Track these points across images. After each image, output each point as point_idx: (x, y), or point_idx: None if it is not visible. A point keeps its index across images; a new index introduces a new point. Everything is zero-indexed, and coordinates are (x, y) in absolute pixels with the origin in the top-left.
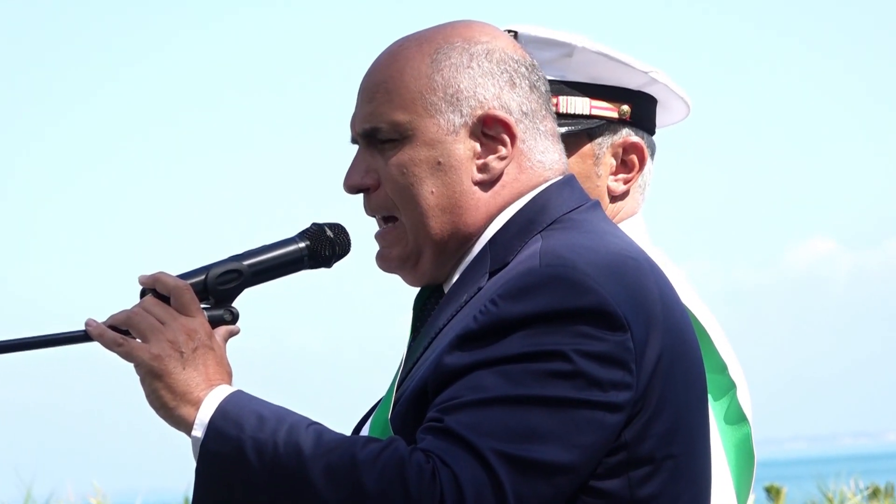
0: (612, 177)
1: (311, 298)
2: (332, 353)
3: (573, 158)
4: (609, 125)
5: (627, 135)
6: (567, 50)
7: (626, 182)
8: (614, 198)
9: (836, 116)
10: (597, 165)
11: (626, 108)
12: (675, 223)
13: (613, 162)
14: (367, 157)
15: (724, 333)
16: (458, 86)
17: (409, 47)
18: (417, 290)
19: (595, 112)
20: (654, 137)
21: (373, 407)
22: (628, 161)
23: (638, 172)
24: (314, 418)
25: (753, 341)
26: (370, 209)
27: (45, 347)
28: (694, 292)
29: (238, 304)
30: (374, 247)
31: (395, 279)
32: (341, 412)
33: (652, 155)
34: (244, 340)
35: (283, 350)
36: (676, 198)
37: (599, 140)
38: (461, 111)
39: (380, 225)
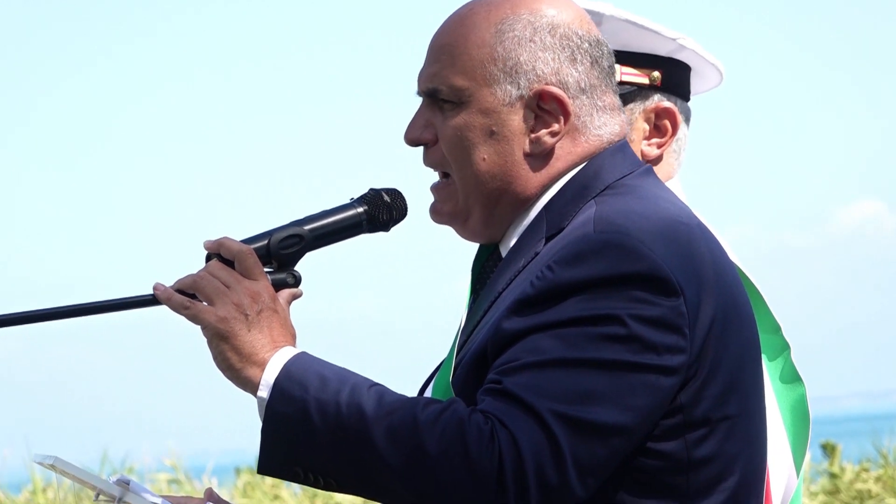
0: (645, 141)
1: (368, 263)
2: (391, 316)
3: None
4: (640, 91)
5: (659, 100)
6: (596, 18)
7: (659, 146)
8: (648, 162)
9: (883, 84)
10: (629, 131)
11: (656, 74)
12: (726, 187)
13: (646, 127)
14: (428, 113)
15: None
16: (518, 59)
17: (479, 13)
18: (475, 252)
19: (626, 79)
20: (691, 104)
21: (436, 369)
22: (661, 126)
23: (671, 137)
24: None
25: (804, 300)
26: (427, 163)
27: (114, 311)
28: (735, 255)
29: (299, 268)
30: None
31: (450, 242)
32: (400, 374)
33: (686, 120)
34: (304, 304)
35: (342, 314)
36: (727, 163)
37: (631, 106)
38: (519, 84)
39: (439, 177)
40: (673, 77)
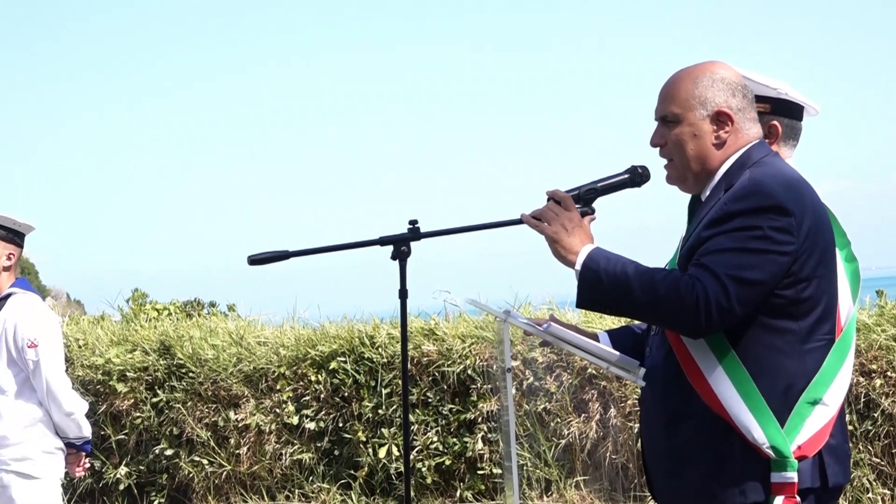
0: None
1: (641, 201)
2: (650, 231)
3: None
4: (761, 115)
5: (770, 120)
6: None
7: (769, 144)
8: None
9: None
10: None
11: (766, 106)
12: (825, 157)
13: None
14: (662, 129)
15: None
16: (706, 96)
17: (683, 75)
18: (689, 199)
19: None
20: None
21: (672, 256)
22: (771, 132)
23: (776, 139)
24: (639, 261)
25: (871, 225)
26: (662, 155)
27: (500, 227)
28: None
29: (597, 204)
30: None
31: (678, 197)
32: (654, 258)
33: (791, 128)
34: (608, 223)
35: (625, 226)
36: (829, 144)
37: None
38: (706, 108)
39: (667, 161)
40: (780, 107)
